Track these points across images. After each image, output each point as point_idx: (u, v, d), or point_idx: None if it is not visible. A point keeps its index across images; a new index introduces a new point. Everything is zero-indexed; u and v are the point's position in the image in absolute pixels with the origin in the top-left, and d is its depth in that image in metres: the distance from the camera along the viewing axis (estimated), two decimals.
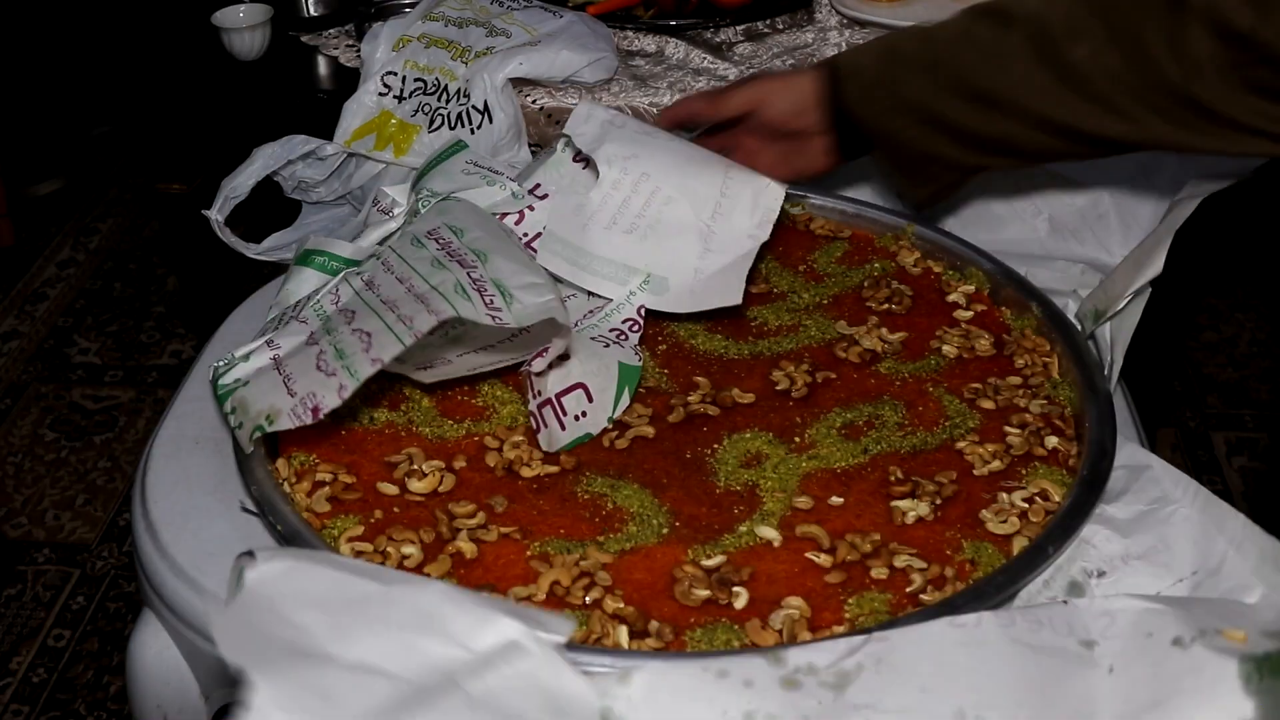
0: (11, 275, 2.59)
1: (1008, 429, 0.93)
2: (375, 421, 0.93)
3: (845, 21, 1.51)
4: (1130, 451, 0.89)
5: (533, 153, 1.30)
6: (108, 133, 3.01)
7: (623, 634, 0.76)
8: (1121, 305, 0.98)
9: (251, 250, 1.25)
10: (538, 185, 1.06)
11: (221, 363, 0.90)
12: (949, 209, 1.21)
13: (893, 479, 0.88)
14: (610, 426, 0.93)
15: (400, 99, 1.33)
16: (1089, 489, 0.85)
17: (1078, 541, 0.82)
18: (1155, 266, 0.96)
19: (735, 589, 0.79)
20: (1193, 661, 0.67)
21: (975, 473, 0.89)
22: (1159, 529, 0.82)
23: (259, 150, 1.27)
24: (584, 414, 0.91)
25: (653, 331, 1.03)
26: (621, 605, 0.78)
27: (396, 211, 1.09)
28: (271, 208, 1.33)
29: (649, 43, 1.47)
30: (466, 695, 0.60)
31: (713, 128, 1.12)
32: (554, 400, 0.91)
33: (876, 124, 1.00)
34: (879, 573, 0.81)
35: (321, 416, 0.81)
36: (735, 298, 0.98)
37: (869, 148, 1.04)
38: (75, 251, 2.67)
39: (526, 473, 0.89)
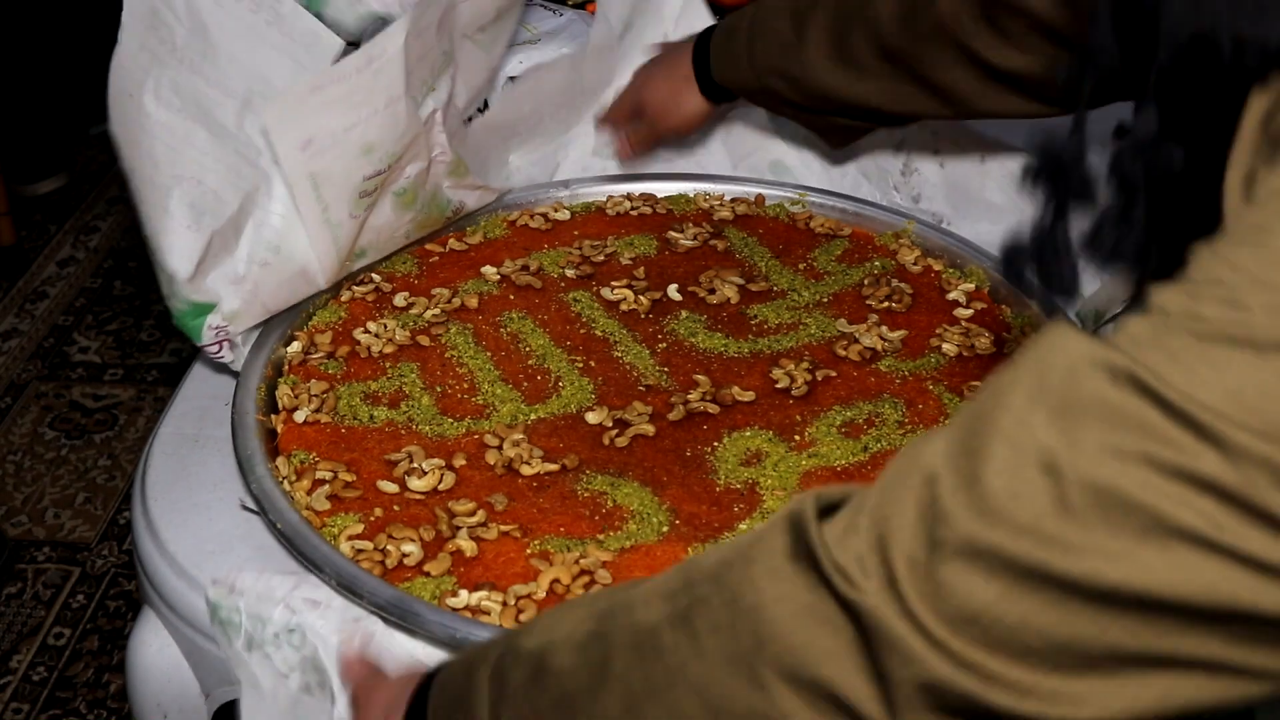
0: (12, 274, 2.59)
1: None
2: (375, 420, 0.93)
3: None
4: None
5: None
6: (108, 131, 3.00)
7: None
8: (1122, 308, 0.98)
9: None
10: None
11: None
12: (948, 201, 1.21)
13: None
14: (611, 425, 0.93)
15: None
16: None
17: None
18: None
19: None
20: None
21: None
22: None
23: None
24: None
25: (653, 330, 1.03)
26: None
27: None
28: None
29: None
30: None
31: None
32: None
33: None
34: None
35: None
36: None
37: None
38: (75, 250, 2.66)
39: (526, 471, 0.89)
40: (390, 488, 0.87)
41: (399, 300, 1.06)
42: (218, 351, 0.98)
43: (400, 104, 0.95)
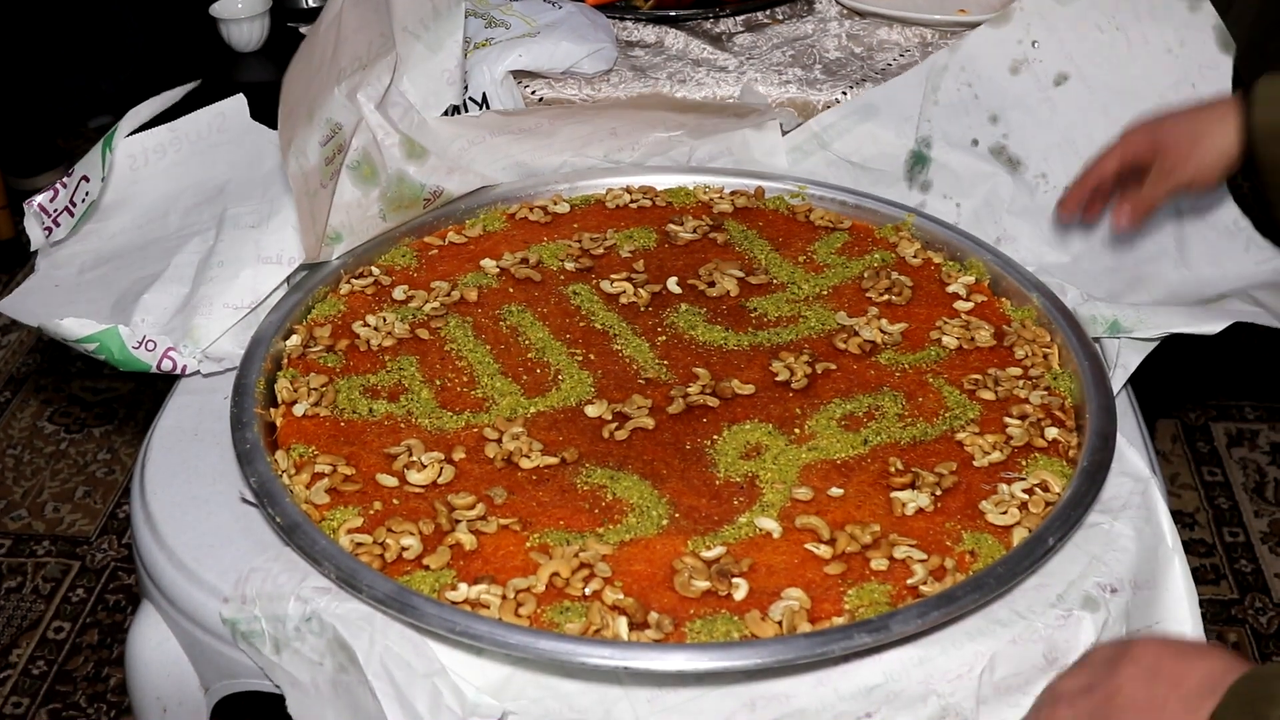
0: (10, 267, 2.59)
1: (1008, 420, 0.93)
2: (375, 413, 0.93)
3: (845, 12, 1.50)
4: (1133, 462, 0.89)
5: None
6: (106, 124, 3.00)
7: (622, 625, 0.76)
8: (1152, 335, 0.98)
9: None
10: None
11: None
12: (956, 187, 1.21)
13: (893, 470, 0.88)
14: (610, 418, 0.93)
15: None
16: (1089, 480, 0.85)
17: (1089, 558, 0.82)
18: (1211, 328, 0.96)
19: (735, 580, 0.79)
20: None
21: (975, 464, 0.89)
22: (1162, 568, 0.83)
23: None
24: None
25: (653, 323, 1.03)
26: (621, 597, 0.78)
27: None
28: None
29: (648, 33, 1.47)
30: None
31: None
32: None
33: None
34: (879, 564, 0.81)
35: None
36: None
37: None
38: None
39: (526, 464, 0.89)
40: (389, 481, 0.87)
41: (398, 293, 1.05)
42: (172, 368, 1.00)
43: (325, 69, 1.01)
